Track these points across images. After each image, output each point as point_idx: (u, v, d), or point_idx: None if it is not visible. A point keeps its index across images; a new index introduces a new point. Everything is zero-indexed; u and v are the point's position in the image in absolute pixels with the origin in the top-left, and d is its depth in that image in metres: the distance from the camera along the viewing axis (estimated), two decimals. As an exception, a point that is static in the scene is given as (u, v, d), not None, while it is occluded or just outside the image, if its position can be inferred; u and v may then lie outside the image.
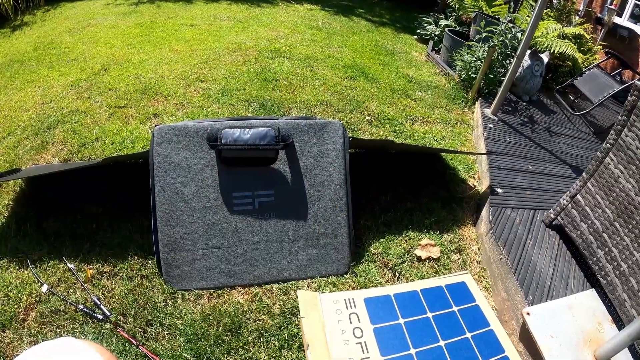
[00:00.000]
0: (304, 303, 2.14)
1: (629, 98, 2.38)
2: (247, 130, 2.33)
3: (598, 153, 2.60)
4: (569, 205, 2.79)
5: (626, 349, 2.35)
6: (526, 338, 2.29)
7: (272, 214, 2.39)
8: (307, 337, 1.98)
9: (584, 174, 2.71)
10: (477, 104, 4.44)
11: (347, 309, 2.16)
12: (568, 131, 4.64)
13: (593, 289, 2.64)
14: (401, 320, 2.17)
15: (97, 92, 3.99)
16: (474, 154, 3.64)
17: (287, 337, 2.04)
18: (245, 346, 1.99)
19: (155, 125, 2.33)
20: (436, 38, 6.14)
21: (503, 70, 4.68)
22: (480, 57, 4.64)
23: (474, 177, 3.45)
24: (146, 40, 5.59)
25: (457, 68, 4.92)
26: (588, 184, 2.68)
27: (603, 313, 2.49)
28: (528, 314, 2.28)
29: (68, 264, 2.21)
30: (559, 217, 2.88)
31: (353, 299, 2.22)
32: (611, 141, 2.52)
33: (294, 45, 5.49)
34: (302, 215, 2.43)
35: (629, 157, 2.40)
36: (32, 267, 2.19)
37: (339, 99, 4.14)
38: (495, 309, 2.51)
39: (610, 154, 2.53)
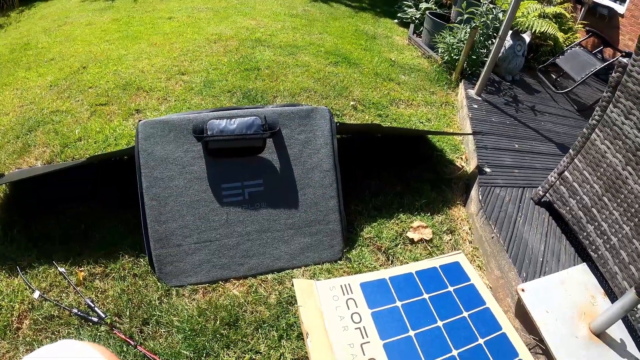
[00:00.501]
0: (301, 291, 2.14)
1: (613, 74, 2.40)
2: (233, 120, 2.30)
3: (584, 130, 2.62)
4: (557, 182, 2.82)
5: (620, 320, 2.40)
6: (522, 314, 2.32)
7: (262, 203, 2.38)
8: (306, 326, 1.98)
9: (570, 150, 2.73)
10: (461, 85, 4.45)
11: (344, 295, 2.17)
12: (552, 109, 4.67)
13: (584, 263, 2.66)
14: (398, 303, 2.18)
15: (77, 90, 3.94)
16: (460, 134, 3.65)
17: (286, 327, 2.04)
18: (244, 339, 1.98)
19: (139, 121, 2.29)
20: (417, 21, 6.13)
21: (485, 51, 4.69)
22: (462, 39, 4.65)
23: (461, 158, 3.46)
24: (124, 35, 5.53)
25: (440, 50, 4.92)
26: (575, 160, 2.70)
27: (595, 286, 2.52)
28: (523, 290, 2.30)
29: (59, 268, 2.18)
30: (547, 194, 2.90)
31: (349, 284, 2.22)
32: (597, 117, 2.54)
33: (274, 34, 5.46)
34: (292, 203, 2.42)
35: (615, 132, 2.43)
36: (22, 274, 2.15)
37: (323, 86, 4.13)
38: (490, 287, 2.53)
39: (597, 130, 2.55)
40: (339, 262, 2.42)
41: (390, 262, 2.48)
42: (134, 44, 5.16)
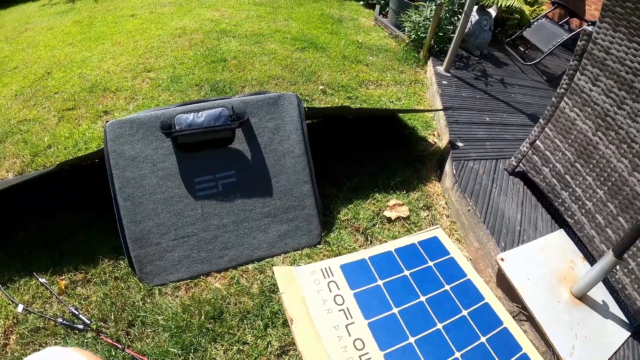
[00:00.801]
0: (281, 278, 2.14)
1: (579, 43, 2.43)
2: (200, 113, 2.27)
3: (553, 98, 2.65)
4: (529, 151, 2.84)
5: (600, 282, 2.42)
6: (503, 283, 2.34)
7: (236, 194, 2.36)
8: (289, 313, 1.98)
9: (540, 120, 2.76)
10: (430, 62, 4.45)
11: (324, 278, 2.17)
12: (521, 81, 4.71)
13: (562, 230, 2.70)
14: (380, 282, 2.19)
15: (43, 97, 3.84)
16: (430, 111, 3.65)
17: (270, 315, 2.03)
18: (230, 331, 1.98)
19: (107, 122, 2.25)
20: (382, 2, 6.09)
21: (452, 27, 4.69)
22: (428, 17, 4.64)
23: (433, 134, 3.47)
24: (87, 37, 5.43)
25: (406, 29, 4.91)
26: (546, 129, 2.72)
27: (574, 251, 2.56)
28: (502, 259, 2.32)
29: (39, 279, 2.12)
30: (520, 164, 2.93)
31: (329, 267, 2.22)
32: (565, 86, 2.56)
33: (239, 24, 5.40)
34: (267, 191, 2.40)
35: (584, 99, 2.46)
36: (4, 289, 2.10)
37: (291, 72, 4.10)
38: (470, 259, 2.55)
39: (565, 98, 2.58)
40: (318, 246, 2.41)
41: (369, 242, 2.48)
42: (97, 44, 5.07)
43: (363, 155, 3.09)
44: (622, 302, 2.40)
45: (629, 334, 2.29)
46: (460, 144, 3.12)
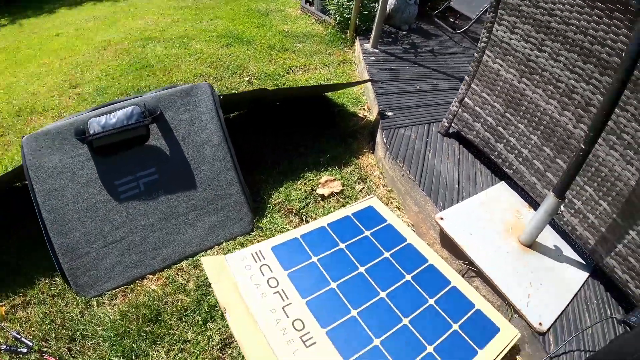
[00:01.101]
0: (211, 269, 2.00)
1: (492, -5, 2.41)
2: (112, 114, 2.15)
3: (475, 54, 2.61)
4: (459, 110, 2.80)
5: (550, 228, 2.38)
6: (448, 242, 2.28)
7: (159, 191, 2.23)
8: (222, 302, 1.86)
9: (466, 77, 2.71)
10: (357, 42, 4.36)
11: (256, 262, 2.04)
12: (452, 49, 4.69)
13: (503, 182, 2.66)
14: (314, 259, 2.08)
15: (-31, 128, 3.66)
16: (353, 84, 3.53)
17: (208, 309, 1.93)
18: (169, 331, 1.87)
19: (23, 137, 2.11)
20: (307, -10, 6.02)
21: (376, 5, 4.59)
22: (351, -4, 4.57)
23: (364, 109, 3.39)
24: (13, 62, 5.20)
25: (332, 12, 4.82)
26: (472, 85, 2.68)
27: (518, 201, 2.54)
28: (441, 218, 2.26)
29: None
30: (453, 124, 2.88)
31: (260, 251, 2.09)
32: (485, 39, 2.52)
33: (164, 29, 5.23)
34: (190, 184, 2.29)
35: (504, 49, 2.42)
36: None
37: (216, 68, 3.97)
38: (412, 224, 2.48)
39: (487, 51, 2.54)
40: (251, 233, 2.31)
41: (304, 222, 2.38)
42: (23, 68, 4.86)
43: (292, 138, 2.99)
44: (576, 244, 2.37)
45: (587, 274, 2.25)
46: (389, 114, 3.03)
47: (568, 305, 2.07)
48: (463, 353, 1.81)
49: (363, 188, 2.62)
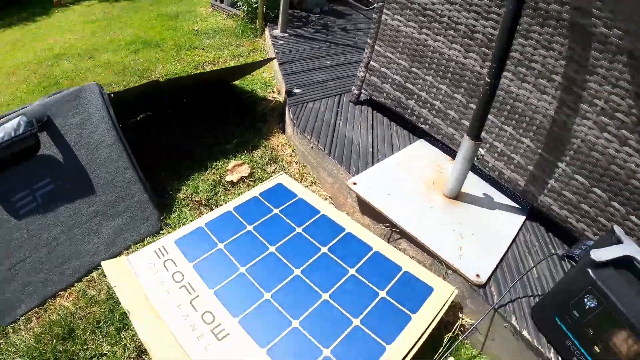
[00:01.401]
0: (113, 272, 1.84)
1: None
2: (-2, 129, 1.98)
3: (374, 15, 2.53)
4: (366, 74, 2.70)
5: (478, 179, 2.35)
6: (367, 208, 2.15)
7: (58, 201, 2.07)
8: (125, 305, 1.71)
9: (368, 40, 2.61)
10: (266, 29, 4.23)
11: (159, 258, 1.88)
12: (366, 25, 4.60)
13: (421, 139, 2.57)
14: (220, 245, 1.92)
15: None
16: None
17: (121, 317, 1.79)
18: (84, 346, 1.72)
19: None
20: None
21: (283, -9, 4.49)
22: (257, -14, 4.43)
23: (273, 92, 3.27)
24: None
25: (239, 4, 4.67)
26: (375, 47, 2.59)
27: (439, 155, 2.47)
28: (355, 183, 2.15)
29: None
30: (362, 91, 2.80)
31: (163, 246, 1.93)
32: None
33: (73, 45, 5.00)
34: (88, 189, 2.13)
35: (401, 4, 2.36)
36: None
37: (124, 75, 3.80)
38: (329, 197, 2.36)
39: (384, 9, 2.47)
40: (160, 232, 2.16)
41: (215, 211, 2.22)
42: None
43: (199, 130, 2.85)
44: (507, 189, 2.31)
45: (523, 217, 2.18)
46: (297, 91, 2.90)
47: (507, 252, 1.99)
48: (395, 320, 1.68)
49: (275, 169, 2.50)
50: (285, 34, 3.95)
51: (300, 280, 1.79)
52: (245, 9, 4.56)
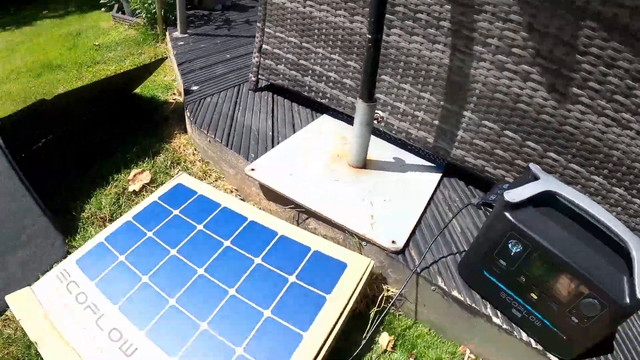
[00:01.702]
0: (17, 305, 1.76)
1: None
2: None
3: None
4: (260, 59, 2.66)
5: (387, 144, 2.37)
6: (272, 194, 2.11)
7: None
8: (33, 337, 1.63)
9: (258, 23, 2.57)
10: (167, 33, 4.11)
11: (62, 282, 1.80)
12: (267, 13, 4.46)
13: (324, 114, 2.55)
14: (121, 258, 1.85)
15: None
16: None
17: (37, 352, 1.67)
18: None
19: None
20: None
21: (180, -7, 4.38)
22: (152, -9, 4.31)
23: (174, 93, 3.20)
24: None
25: (138, 12, 4.55)
26: (265, 29, 2.55)
27: (344, 127, 2.47)
28: (253, 170, 2.10)
29: None
30: (259, 76, 2.75)
31: (64, 269, 1.85)
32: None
33: (-30, 83, 4.81)
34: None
35: None
36: None
37: (25, 103, 3.59)
38: (235, 189, 2.32)
39: None
40: (68, 256, 2.03)
41: (120, 225, 2.14)
42: None
43: (99, 145, 2.74)
44: (419, 150, 2.29)
45: (439, 175, 2.17)
46: (194, 88, 2.83)
47: (424, 212, 1.97)
48: (309, 305, 1.64)
49: (179, 171, 2.43)
50: (186, 35, 3.85)
51: (205, 280, 1.73)
52: (145, 15, 4.43)
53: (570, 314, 1.37)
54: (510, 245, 1.43)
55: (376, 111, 2.00)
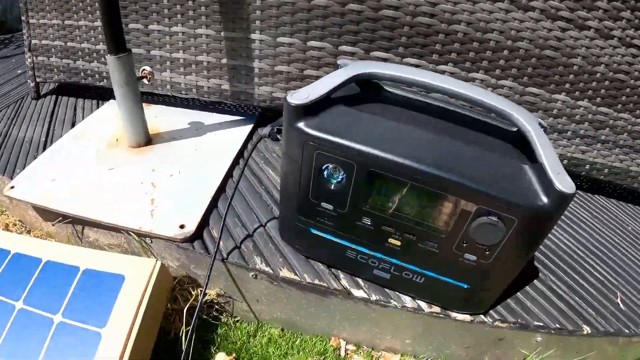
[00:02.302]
0: None
1: None
2: None
3: None
4: (33, 58, 2.15)
5: (187, 111, 2.04)
6: (44, 212, 1.56)
7: None
8: None
9: (22, 17, 2.09)
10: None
11: None
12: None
13: (111, 100, 2.11)
14: None
15: None
16: None
17: None
18: None
19: None
20: None
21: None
22: None
23: None
24: None
25: None
26: (30, 20, 2.06)
27: None
28: (12, 187, 1.53)
29: None
30: (37, 79, 2.22)
31: None
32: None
33: None
34: None
35: None
36: None
37: None
38: (19, 220, 1.78)
39: None
40: None
41: None
42: None
43: None
44: (226, 105, 2.02)
45: (250, 126, 1.86)
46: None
47: (228, 177, 1.59)
48: (81, 346, 1.14)
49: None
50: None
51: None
52: None
53: (460, 251, 0.94)
54: (326, 176, 0.96)
55: (142, 68, 1.59)
